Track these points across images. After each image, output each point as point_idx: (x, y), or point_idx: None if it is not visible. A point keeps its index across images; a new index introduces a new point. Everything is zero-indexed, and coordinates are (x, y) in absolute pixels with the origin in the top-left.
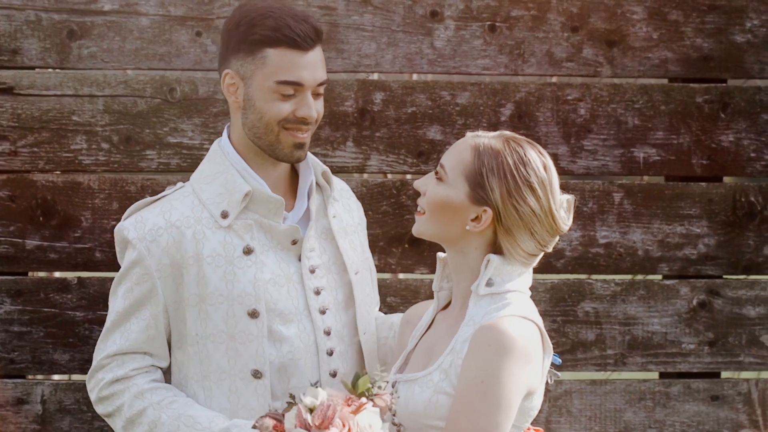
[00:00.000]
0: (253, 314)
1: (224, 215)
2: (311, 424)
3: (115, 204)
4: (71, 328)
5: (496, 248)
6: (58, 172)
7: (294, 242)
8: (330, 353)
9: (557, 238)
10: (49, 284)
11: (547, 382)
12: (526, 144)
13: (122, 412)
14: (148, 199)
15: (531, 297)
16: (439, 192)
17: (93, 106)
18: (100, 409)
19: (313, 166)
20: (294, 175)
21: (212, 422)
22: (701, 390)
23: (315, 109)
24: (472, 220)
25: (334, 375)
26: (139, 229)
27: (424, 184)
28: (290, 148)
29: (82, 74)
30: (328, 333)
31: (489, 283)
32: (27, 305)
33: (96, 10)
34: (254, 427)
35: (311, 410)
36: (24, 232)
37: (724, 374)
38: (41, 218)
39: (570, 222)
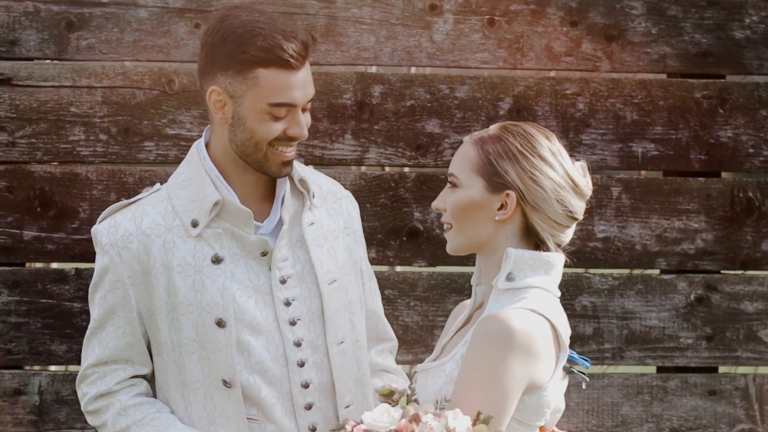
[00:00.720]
0: (220, 323)
1: (194, 224)
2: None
3: (113, 195)
4: (69, 319)
5: (528, 233)
6: (55, 163)
7: (264, 253)
8: (301, 364)
9: (584, 203)
10: (46, 275)
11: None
12: (524, 124)
13: (107, 427)
14: (124, 201)
15: None
16: (458, 197)
17: (91, 98)
18: (88, 420)
19: (291, 173)
20: (273, 181)
21: None
22: (699, 384)
23: (305, 126)
24: (499, 210)
25: (306, 386)
26: (111, 234)
27: (442, 200)
28: (278, 165)
29: (81, 65)
30: (298, 344)
31: (509, 278)
32: (24, 296)
33: (94, 2)
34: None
35: None
36: (21, 223)
37: (722, 369)
38: (39, 209)
39: (591, 185)
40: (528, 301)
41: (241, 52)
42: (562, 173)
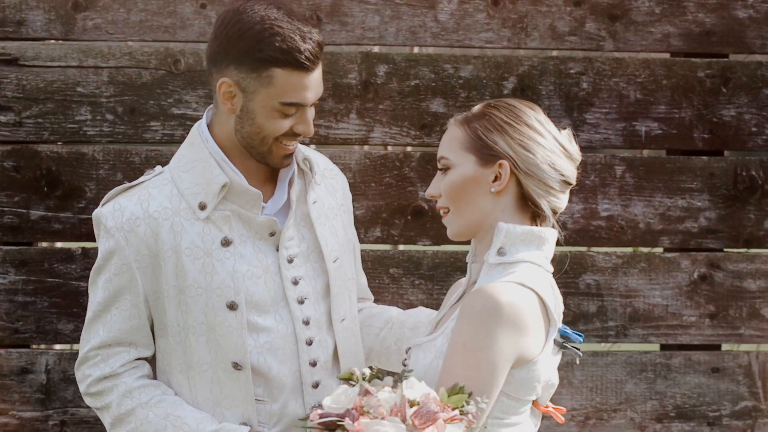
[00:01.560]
0: (232, 306)
1: (202, 207)
2: (410, 421)
3: (120, 175)
4: (75, 298)
5: (524, 203)
6: (62, 143)
7: (272, 234)
8: (309, 343)
9: (575, 168)
10: (53, 254)
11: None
12: (507, 99)
13: (110, 409)
14: (127, 184)
15: None
16: (451, 177)
17: (97, 78)
18: (88, 402)
19: (294, 155)
20: None
21: (200, 424)
22: (702, 362)
23: (311, 122)
24: (493, 182)
25: (313, 365)
26: (117, 217)
27: (435, 186)
28: (280, 158)
29: (87, 46)
30: (306, 323)
31: (500, 252)
32: (31, 275)
33: None
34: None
35: (412, 403)
36: (28, 202)
37: (725, 347)
38: (46, 189)
39: (579, 151)
40: (516, 275)
41: (257, 50)
42: (551, 139)
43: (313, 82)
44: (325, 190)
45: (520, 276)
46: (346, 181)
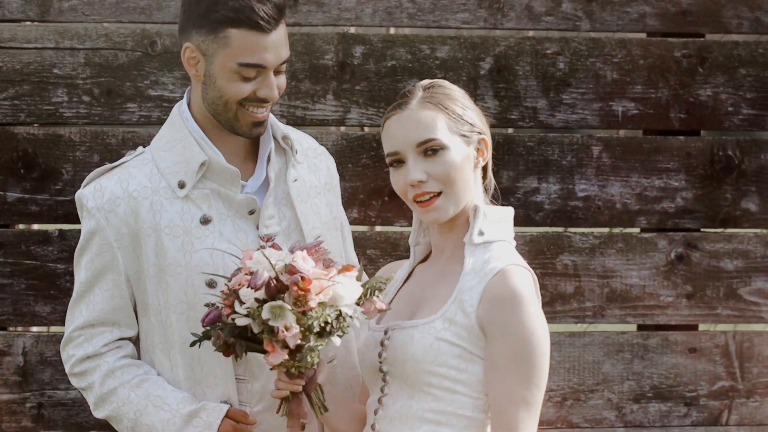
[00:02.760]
0: (211, 284)
1: (181, 185)
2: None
3: (96, 156)
4: (52, 280)
5: (482, 177)
6: (38, 125)
7: (251, 212)
8: None
9: None
10: (30, 236)
11: None
12: (436, 80)
13: (93, 389)
14: (108, 165)
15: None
16: (450, 158)
17: (74, 59)
18: (73, 383)
19: (272, 131)
20: (255, 140)
21: (180, 404)
22: (679, 342)
23: (276, 88)
24: (476, 158)
25: None
26: (97, 198)
27: (419, 171)
28: (248, 126)
29: (63, 27)
30: None
31: (480, 233)
32: (8, 257)
33: None
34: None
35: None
36: (5, 184)
37: (702, 327)
38: (22, 171)
39: None
40: (508, 257)
41: (213, 11)
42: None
43: (272, 44)
44: (308, 169)
45: (512, 257)
46: (332, 161)
